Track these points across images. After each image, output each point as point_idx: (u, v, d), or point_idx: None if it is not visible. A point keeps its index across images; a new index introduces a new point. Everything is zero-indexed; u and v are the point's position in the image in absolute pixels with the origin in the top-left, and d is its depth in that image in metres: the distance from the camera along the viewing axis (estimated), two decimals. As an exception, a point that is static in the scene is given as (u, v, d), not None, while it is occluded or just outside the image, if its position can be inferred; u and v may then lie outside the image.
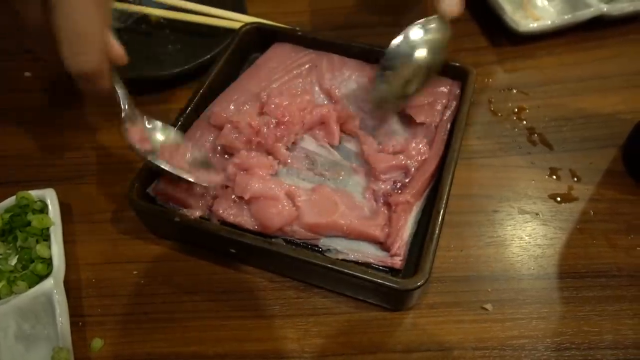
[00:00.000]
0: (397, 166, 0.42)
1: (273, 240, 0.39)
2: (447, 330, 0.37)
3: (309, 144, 0.46)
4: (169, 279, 0.41)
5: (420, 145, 0.43)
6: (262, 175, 0.41)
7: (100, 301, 0.40)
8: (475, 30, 0.59)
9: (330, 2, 0.63)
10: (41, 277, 0.39)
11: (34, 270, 0.39)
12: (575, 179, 0.46)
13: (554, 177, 0.46)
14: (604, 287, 0.39)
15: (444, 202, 0.38)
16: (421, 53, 0.42)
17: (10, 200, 0.42)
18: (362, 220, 0.40)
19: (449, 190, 0.39)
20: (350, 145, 0.46)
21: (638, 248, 0.41)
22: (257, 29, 0.52)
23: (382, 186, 0.42)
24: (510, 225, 0.43)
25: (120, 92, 0.39)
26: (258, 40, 0.52)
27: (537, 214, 0.44)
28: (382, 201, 0.42)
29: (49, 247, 0.40)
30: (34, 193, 0.43)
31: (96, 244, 0.43)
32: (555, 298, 0.39)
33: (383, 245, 0.39)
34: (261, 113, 0.45)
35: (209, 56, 0.53)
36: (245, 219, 0.40)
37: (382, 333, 0.38)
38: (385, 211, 0.41)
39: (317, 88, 0.49)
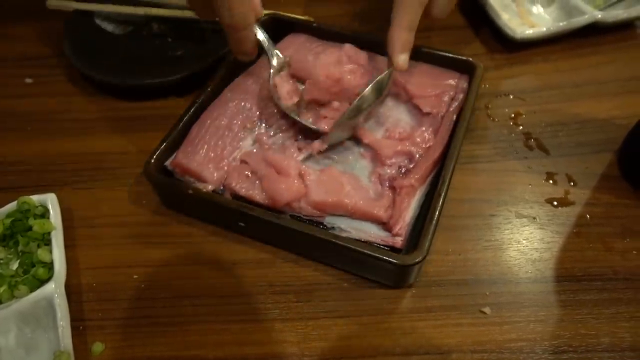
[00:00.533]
0: (402, 152, 0.44)
1: (281, 215, 0.40)
2: (446, 333, 0.38)
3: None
4: (170, 283, 0.41)
5: (426, 134, 0.45)
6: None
7: (101, 305, 0.40)
8: (471, 37, 0.60)
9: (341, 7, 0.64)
10: (42, 282, 0.39)
11: (35, 274, 0.39)
12: (572, 184, 0.46)
13: (551, 181, 0.46)
14: (600, 290, 0.39)
15: (446, 185, 0.40)
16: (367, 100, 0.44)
17: (12, 206, 0.43)
18: (366, 201, 0.41)
19: (451, 175, 0.41)
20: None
21: (634, 251, 0.41)
22: (272, 19, 0.53)
23: (388, 171, 0.43)
24: (507, 229, 0.43)
25: (265, 42, 0.46)
26: (273, 31, 0.53)
27: (534, 218, 0.44)
28: (387, 185, 0.43)
29: (50, 252, 0.40)
30: (36, 198, 0.43)
31: (97, 248, 0.43)
32: (553, 301, 0.39)
33: (386, 226, 0.41)
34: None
35: (209, 64, 0.53)
36: (255, 193, 0.42)
37: (382, 337, 0.38)
38: (390, 194, 0.42)
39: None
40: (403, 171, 0.44)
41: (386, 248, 0.39)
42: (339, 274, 0.41)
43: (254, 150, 0.45)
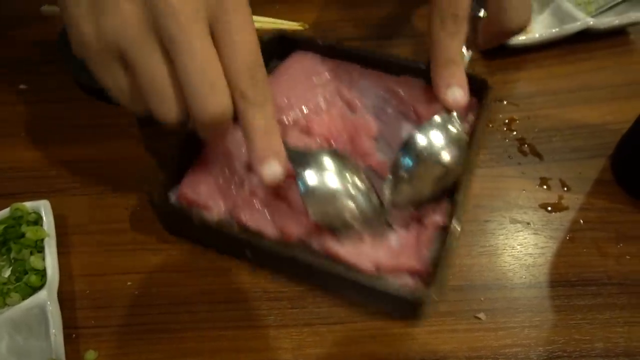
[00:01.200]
0: None
1: (291, 247, 0.39)
2: (441, 339, 0.38)
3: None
4: (164, 289, 0.41)
5: None
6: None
7: (95, 312, 0.40)
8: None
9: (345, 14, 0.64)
10: (35, 289, 0.39)
11: (27, 282, 0.39)
12: (565, 189, 0.46)
13: (545, 186, 0.47)
14: (594, 295, 0.40)
15: (461, 215, 0.38)
16: (437, 153, 0.38)
17: (5, 212, 0.42)
18: (390, 256, 0.38)
19: (466, 203, 0.39)
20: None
21: (627, 256, 0.42)
22: (278, 37, 0.53)
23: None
24: (502, 235, 0.44)
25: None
26: (278, 48, 0.53)
27: (528, 223, 0.44)
28: (409, 223, 0.40)
29: (43, 259, 0.40)
30: (29, 205, 0.43)
31: (90, 255, 0.43)
32: (547, 306, 0.39)
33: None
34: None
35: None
36: (267, 227, 0.39)
37: (376, 343, 0.38)
38: (411, 237, 0.39)
39: (337, 98, 0.50)
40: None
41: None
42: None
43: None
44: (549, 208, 0.45)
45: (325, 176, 0.36)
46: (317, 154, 0.37)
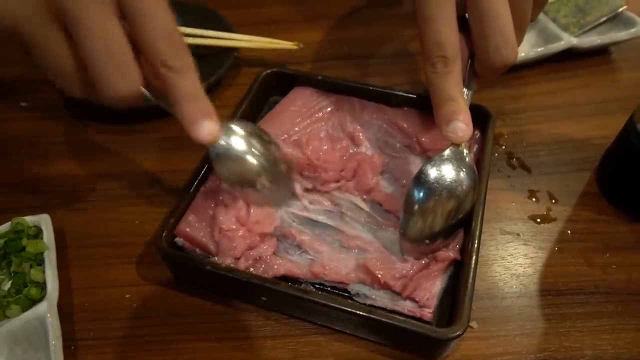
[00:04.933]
0: None
1: (302, 285, 0.40)
2: (434, 348, 0.38)
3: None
4: (162, 301, 0.41)
5: None
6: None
7: (93, 325, 0.40)
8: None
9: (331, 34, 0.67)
10: (34, 302, 0.39)
11: (27, 294, 0.39)
12: (553, 201, 0.48)
13: (533, 199, 0.48)
14: (583, 304, 0.41)
15: (476, 246, 0.38)
16: (449, 185, 0.38)
17: (5, 226, 0.43)
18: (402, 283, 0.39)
19: (480, 232, 0.39)
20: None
21: (614, 266, 0.43)
22: (277, 73, 0.53)
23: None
24: (492, 246, 0.45)
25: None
26: (277, 84, 0.54)
27: (518, 234, 0.45)
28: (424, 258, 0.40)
29: (43, 272, 0.40)
30: (29, 219, 0.44)
31: (89, 268, 0.44)
32: (537, 315, 0.40)
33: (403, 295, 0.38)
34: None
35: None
36: (274, 268, 0.40)
37: (372, 352, 0.38)
38: (410, 263, 0.40)
39: (341, 131, 0.50)
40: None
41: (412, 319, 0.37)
42: (329, 290, 0.42)
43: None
44: (538, 220, 0.46)
45: (233, 140, 0.39)
46: (227, 124, 0.39)
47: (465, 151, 0.40)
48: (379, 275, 0.38)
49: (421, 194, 0.39)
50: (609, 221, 0.46)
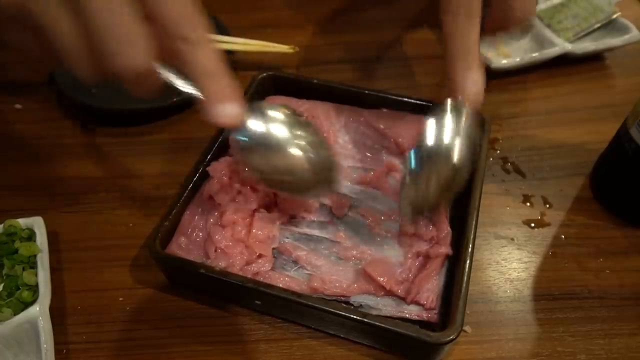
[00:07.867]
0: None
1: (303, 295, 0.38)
2: (428, 352, 0.38)
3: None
4: (155, 305, 0.41)
5: None
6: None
7: (86, 328, 0.40)
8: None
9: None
10: (27, 304, 0.39)
11: (19, 297, 0.39)
12: (547, 206, 0.48)
13: (528, 203, 0.48)
14: (576, 309, 0.41)
15: (470, 249, 0.38)
16: (454, 148, 0.37)
17: (-2, 229, 0.43)
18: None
19: (474, 236, 0.39)
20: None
21: (607, 271, 0.43)
22: (273, 77, 0.53)
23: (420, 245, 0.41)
24: (487, 250, 0.45)
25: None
26: (273, 87, 0.53)
27: (512, 239, 0.46)
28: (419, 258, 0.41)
29: (36, 275, 0.40)
30: (22, 221, 0.43)
31: (82, 271, 0.44)
32: (531, 319, 0.40)
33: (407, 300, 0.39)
34: None
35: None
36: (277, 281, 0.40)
37: (366, 356, 0.38)
38: (409, 265, 0.40)
39: None
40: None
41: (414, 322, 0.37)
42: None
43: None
44: (532, 224, 0.47)
45: (268, 124, 0.34)
46: (259, 106, 0.35)
47: (466, 111, 0.38)
48: (383, 282, 0.38)
49: (421, 151, 0.38)
50: (603, 226, 0.46)
